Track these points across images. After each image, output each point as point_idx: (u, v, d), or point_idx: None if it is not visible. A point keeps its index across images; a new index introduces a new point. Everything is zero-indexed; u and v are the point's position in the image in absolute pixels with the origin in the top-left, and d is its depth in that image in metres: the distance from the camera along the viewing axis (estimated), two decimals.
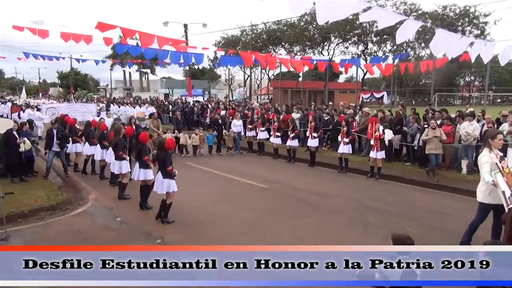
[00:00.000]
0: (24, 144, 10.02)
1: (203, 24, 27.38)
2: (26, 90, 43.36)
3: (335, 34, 39.36)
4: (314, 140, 13.36)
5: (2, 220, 6.68)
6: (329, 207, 8.59)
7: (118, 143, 9.06)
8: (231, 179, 11.26)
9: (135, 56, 19.04)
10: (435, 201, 9.17)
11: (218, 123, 15.78)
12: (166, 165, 7.28)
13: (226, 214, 8.03)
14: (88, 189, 9.98)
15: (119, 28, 9.88)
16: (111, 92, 64.45)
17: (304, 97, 35.02)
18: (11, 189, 9.05)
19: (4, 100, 34.80)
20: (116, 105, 28.55)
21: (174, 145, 7.94)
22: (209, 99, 36.68)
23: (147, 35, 10.70)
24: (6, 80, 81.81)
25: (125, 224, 7.40)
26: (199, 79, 58.91)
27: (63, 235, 6.71)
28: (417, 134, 12.27)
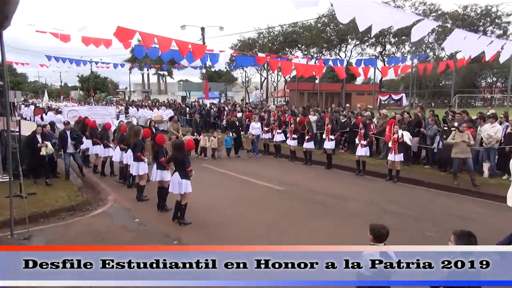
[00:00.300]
0: (46, 148, 10.18)
1: (220, 27, 27.67)
2: (48, 93, 44.55)
3: (352, 36, 39.04)
4: (331, 143, 13.26)
5: (25, 220, 6.85)
6: (346, 210, 8.51)
7: (137, 144, 9.22)
8: (248, 182, 11.28)
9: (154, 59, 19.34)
10: (455, 205, 8.98)
11: (236, 125, 15.78)
12: (185, 166, 7.37)
13: (243, 217, 8.05)
14: (107, 190, 10.15)
15: (137, 32, 10.07)
16: (129, 94, 65.56)
17: (321, 99, 34.86)
18: (34, 190, 9.29)
19: (28, 103, 35.77)
20: (134, 107, 28.99)
21: (194, 146, 8.04)
22: (226, 101, 36.90)
23: (166, 39, 10.85)
24: (30, 84, 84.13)
25: (143, 225, 7.50)
26: (216, 81, 59.35)
27: (83, 235, 6.85)
28: (436, 136, 12.05)
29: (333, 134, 13.29)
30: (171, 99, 43.18)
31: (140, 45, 14.35)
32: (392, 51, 40.37)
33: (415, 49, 36.79)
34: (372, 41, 40.02)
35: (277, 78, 46.02)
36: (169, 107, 27.77)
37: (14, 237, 6.56)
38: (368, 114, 15.19)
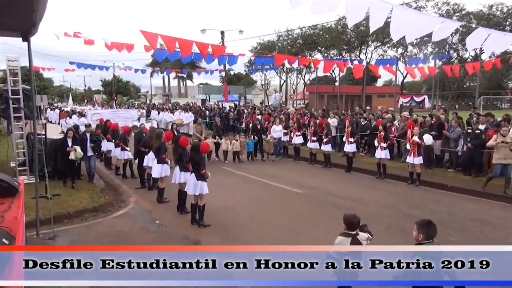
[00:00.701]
0: (75, 153, 10.20)
1: (239, 31, 27.78)
2: (72, 97, 45.79)
3: (373, 38, 38.55)
4: (351, 145, 13.13)
5: (50, 220, 7.05)
6: (366, 214, 8.36)
7: (160, 147, 9.35)
8: (266, 184, 11.28)
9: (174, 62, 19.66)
10: (480, 210, 8.73)
11: (258, 129, 15.70)
12: (200, 168, 7.47)
13: (261, 219, 8.05)
14: (129, 192, 10.34)
15: (159, 36, 10.27)
16: (151, 98, 66.65)
17: (340, 101, 34.57)
18: (58, 191, 9.55)
19: (53, 107, 36.86)
20: (155, 110, 29.45)
21: (209, 149, 8.11)
22: (245, 104, 37.03)
23: (187, 42, 11.03)
24: (55, 88, 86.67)
25: (163, 226, 7.60)
26: (235, 84, 59.70)
27: (105, 236, 7.00)
28: (460, 139, 11.76)
29: (352, 137, 13.15)
30: (191, 102, 43.61)
31: (161, 49, 14.61)
32: (414, 52, 39.64)
33: (438, 50, 35.99)
34: (394, 43, 39.39)
35: (296, 80, 45.88)
36: (190, 110, 28.08)
37: (40, 236, 6.76)
38: (389, 116, 14.98)
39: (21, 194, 4.67)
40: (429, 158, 12.31)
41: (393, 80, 46.25)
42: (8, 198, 4.29)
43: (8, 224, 3.46)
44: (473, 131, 11.23)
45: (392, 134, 13.33)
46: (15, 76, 10.33)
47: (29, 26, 5.42)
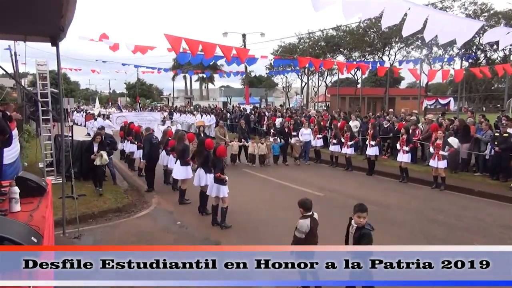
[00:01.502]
0: (101, 158, 9.88)
1: (261, 33, 27.90)
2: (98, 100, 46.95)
3: (396, 39, 37.90)
4: (373, 148, 12.92)
5: (75, 220, 7.27)
6: (388, 218, 8.26)
7: (185, 149, 9.47)
8: (286, 187, 11.24)
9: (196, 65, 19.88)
10: (509, 216, 8.44)
11: (285, 132, 15.32)
12: (215, 171, 7.58)
13: (281, 221, 8.00)
14: (151, 193, 10.52)
15: (183, 39, 10.42)
16: (173, 101, 67.65)
17: (363, 104, 34.08)
18: (84, 191, 9.82)
19: (80, 109, 37.92)
20: (178, 113, 29.86)
21: (225, 152, 8.14)
22: (266, 106, 37.06)
23: (210, 45, 11.16)
24: (81, 91, 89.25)
25: (184, 227, 7.70)
26: (256, 87, 59.82)
27: (128, 236, 7.15)
28: (488, 143, 11.41)
29: (374, 140, 12.95)
30: (213, 104, 44.01)
31: (183, 52, 14.77)
32: (439, 54, 38.72)
33: (465, 51, 35.04)
34: (418, 44, 38.60)
35: (318, 83, 45.57)
36: (211, 112, 28.33)
37: (66, 235, 6.98)
38: (413, 119, 14.69)
39: (49, 194, 4.84)
40: (455, 162, 12.00)
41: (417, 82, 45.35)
42: (36, 197, 4.45)
43: (37, 223, 3.58)
44: (501, 134, 10.90)
45: (416, 137, 13.07)
46: (44, 80, 10.71)
47: (58, 31, 5.61)
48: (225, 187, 7.57)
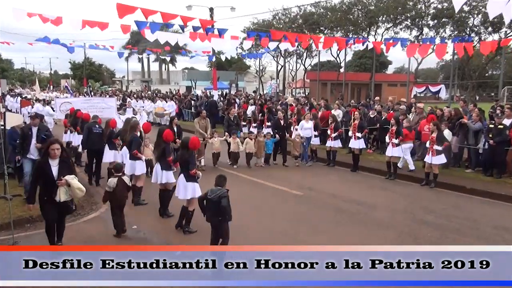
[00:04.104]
0: (66, 191, 6.61)
1: (231, 8, 27.62)
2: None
3: (383, 18, 38.54)
4: (358, 141, 13.01)
5: (9, 225, 6.98)
6: (374, 219, 8.44)
7: (133, 141, 9.25)
8: (260, 184, 11.28)
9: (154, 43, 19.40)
10: (502, 215, 8.83)
11: (280, 125, 13.82)
12: (189, 167, 7.40)
13: (253, 224, 8.02)
14: (101, 192, 10.25)
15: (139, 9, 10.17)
16: (127, 84, 66.24)
17: (346, 90, 34.60)
18: (19, 191, 9.44)
19: (14, 93, 36.41)
20: (133, 99, 29.19)
21: (199, 145, 7.93)
22: (237, 92, 36.91)
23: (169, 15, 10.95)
24: (16, 71, 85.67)
25: (141, 232, 7.57)
26: (225, 70, 59.46)
27: (73, 243, 6.92)
28: (481, 135, 11.82)
29: (360, 132, 13.06)
30: (174, 89, 43.37)
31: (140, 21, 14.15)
32: (431, 35, 39.70)
33: (458, 33, 36.10)
34: (407, 24, 39.41)
35: (295, 66, 45.79)
36: (172, 99, 27.90)
37: None
38: (403, 108, 14.95)
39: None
40: (447, 157, 12.36)
41: (405, 66, 46.40)
42: None
43: None
44: (495, 126, 11.29)
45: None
46: None
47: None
48: (197, 185, 7.44)
